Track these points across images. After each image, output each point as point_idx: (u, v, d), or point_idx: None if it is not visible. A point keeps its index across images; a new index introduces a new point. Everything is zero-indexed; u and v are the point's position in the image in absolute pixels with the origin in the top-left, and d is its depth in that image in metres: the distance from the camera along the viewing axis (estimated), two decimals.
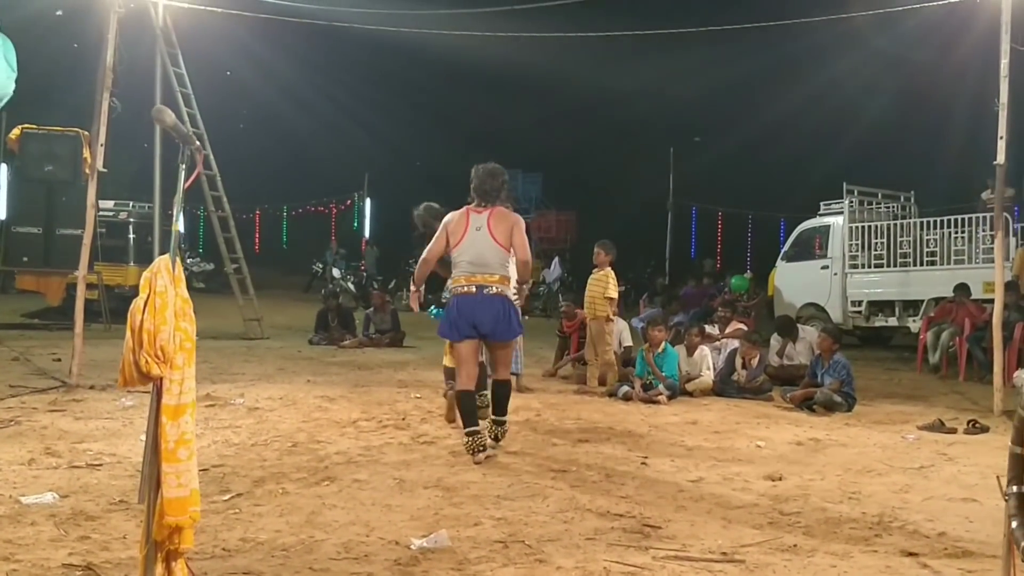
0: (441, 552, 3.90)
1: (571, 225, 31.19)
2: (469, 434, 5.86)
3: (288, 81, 28.93)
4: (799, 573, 3.80)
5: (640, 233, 29.39)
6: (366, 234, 32.30)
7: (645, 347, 9.34)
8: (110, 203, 16.73)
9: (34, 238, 14.92)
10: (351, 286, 24.21)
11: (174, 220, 2.70)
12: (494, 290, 5.99)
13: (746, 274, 18.67)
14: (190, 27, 13.15)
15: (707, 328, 11.02)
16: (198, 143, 2.70)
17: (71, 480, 4.99)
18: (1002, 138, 8.44)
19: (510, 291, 6.10)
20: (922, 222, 14.67)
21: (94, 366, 9.55)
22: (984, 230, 13.41)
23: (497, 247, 6.02)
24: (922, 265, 14.38)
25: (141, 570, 2.80)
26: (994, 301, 9.00)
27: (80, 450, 5.78)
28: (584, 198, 32.35)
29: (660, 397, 8.77)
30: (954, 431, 7.41)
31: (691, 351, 9.72)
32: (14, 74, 6.61)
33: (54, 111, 17.17)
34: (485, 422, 6.22)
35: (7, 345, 11.49)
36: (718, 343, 10.62)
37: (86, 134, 13.11)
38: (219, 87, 20.23)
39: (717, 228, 32.32)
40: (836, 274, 15.40)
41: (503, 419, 6.25)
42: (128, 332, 2.59)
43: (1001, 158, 8.48)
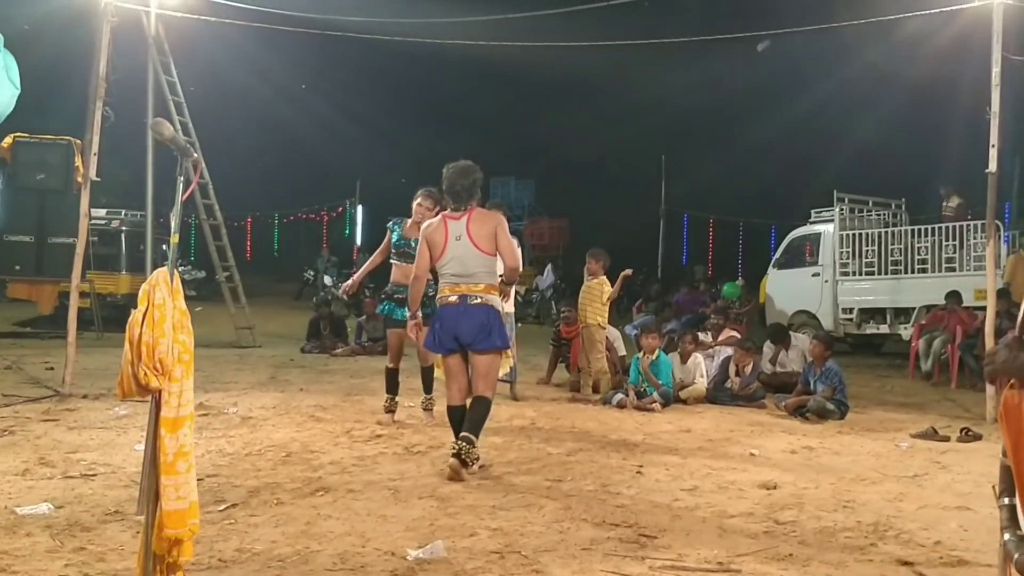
0: (437, 563, 3.89)
1: (564, 232, 31.21)
2: (461, 439, 5.65)
3: (279, 88, 28.95)
4: None
5: (632, 240, 29.43)
6: (358, 241, 32.25)
7: (640, 354, 9.35)
8: (102, 211, 16.69)
9: (26, 246, 14.91)
10: (343, 295, 24.11)
11: (172, 233, 2.70)
12: (479, 300, 5.75)
13: (738, 281, 18.72)
14: (182, 36, 13.17)
15: (700, 335, 11.03)
16: (196, 155, 2.70)
17: (66, 490, 4.97)
18: (994, 146, 8.49)
19: (497, 300, 5.87)
20: (913, 230, 14.74)
21: (87, 375, 9.52)
22: (975, 238, 13.49)
23: (480, 255, 5.77)
24: (913, 273, 14.45)
25: None
26: (985, 308, 9.04)
27: (74, 460, 5.76)
28: (576, 205, 32.41)
29: (654, 405, 8.78)
30: (947, 439, 7.43)
31: (685, 358, 9.73)
32: (17, 91, 6.60)
33: (46, 120, 17.14)
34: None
35: None
36: (711, 350, 10.63)
37: (78, 143, 13.13)
38: (211, 94, 20.19)
39: (709, 235, 32.40)
40: (827, 281, 15.45)
41: (472, 437, 5.60)
42: (127, 345, 2.59)
43: (993, 166, 8.54)
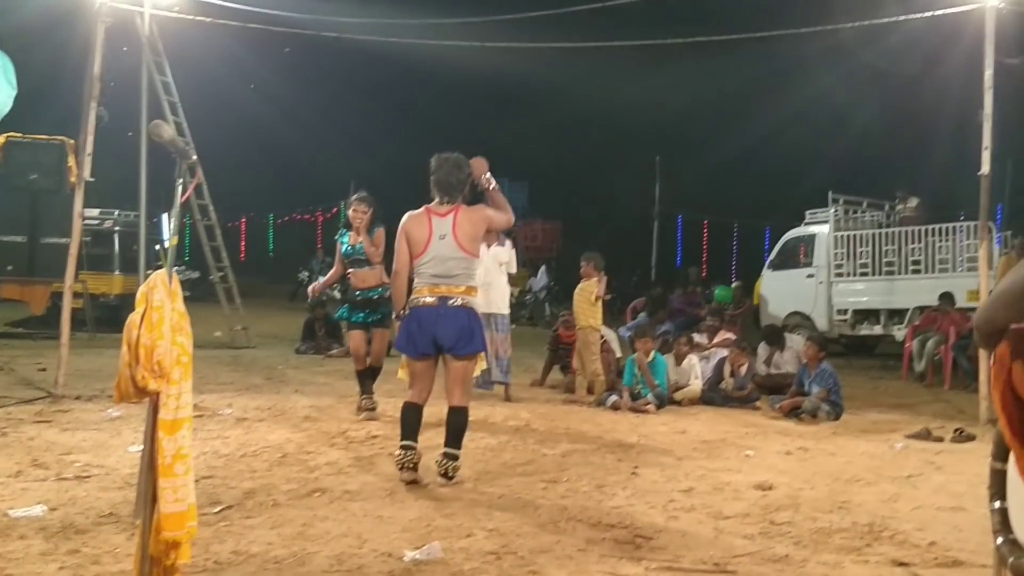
0: (434, 564, 3.89)
1: (557, 234, 31.26)
2: (403, 447, 5.40)
3: (274, 89, 28.92)
4: None
5: (626, 242, 29.49)
6: None
7: (635, 355, 9.34)
8: (95, 212, 16.63)
9: (18, 247, 14.84)
10: (337, 294, 24.10)
11: (171, 234, 2.69)
12: (459, 302, 5.48)
13: (733, 283, 18.77)
14: (176, 36, 13.13)
15: (695, 337, 11.04)
16: (195, 157, 2.69)
17: (59, 493, 4.95)
18: (987, 148, 8.52)
19: (476, 302, 5.66)
20: (907, 231, 14.78)
21: (79, 376, 9.49)
22: (968, 239, 13.54)
23: (464, 256, 5.51)
24: (907, 274, 14.49)
25: None
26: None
27: (68, 462, 5.74)
28: (570, 207, 32.44)
29: (648, 407, 8.78)
30: (941, 440, 7.47)
31: (679, 360, 9.74)
32: (14, 91, 6.58)
33: (39, 119, 17.07)
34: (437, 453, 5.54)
35: None
36: (707, 352, 10.64)
37: (71, 143, 13.09)
38: (205, 95, 20.15)
39: (703, 237, 32.47)
40: (821, 283, 15.49)
41: (455, 452, 5.43)
42: (124, 347, 2.58)
43: (986, 168, 8.57)
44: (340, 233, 8.11)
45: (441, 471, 5.37)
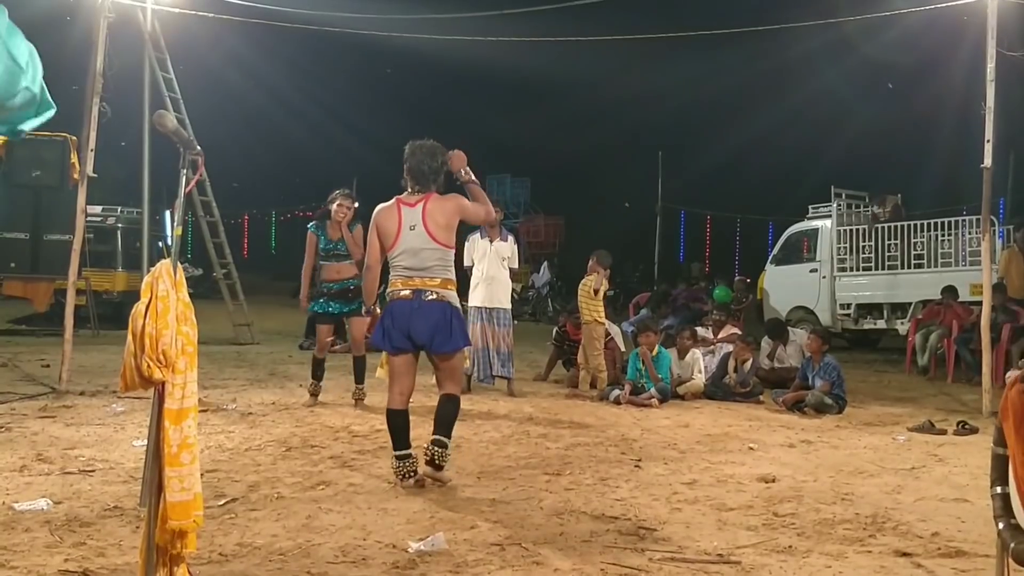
0: (438, 555, 3.90)
1: (559, 230, 31.20)
2: (398, 457, 5.21)
3: (277, 85, 28.94)
4: (795, 574, 3.82)
5: (628, 237, 29.48)
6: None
7: (639, 349, 9.34)
8: (98, 208, 16.65)
9: (21, 244, 14.85)
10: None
11: (175, 224, 2.70)
12: (434, 295, 5.23)
13: (736, 278, 18.78)
14: (178, 32, 13.14)
15: (700, 331, 11.03)
16: (199, 148, 2.70)
17: (64, 486, 4.97)
18: (989, 141, 8.52)
19: (454, 296, 5.37)
20: (909, 225, 14.77)
21: (83, 372, 9.51)
22: (971, 232, 13.54)
23: (437, 247, 5.24)
24: (909, 268, 14.48)
25: (141, 574, 2.80)
26: (981, 303, 9.07)
27: (72, 456, 5.76)
28: (573, 203, 32.42)
29: (652, 401, 8.78)
30: (944, 432, 7.46)
31: (682, 354, 9.73)
32: (23, 72, 5.94)
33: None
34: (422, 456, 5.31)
35: None
36: (712, 347, 10.62)
37: (73, 139, 13.08)
38: (208, 91, 20.18)
39: (706, 232, 32.45)
40: (824, 277, 15.49)
41: (444, 440, 5.23)
42: (129, 337, 2.59)
43: (988, 161, 8.56)
44: (314, 226, 8.17)
45: (429, 457, 5.19)
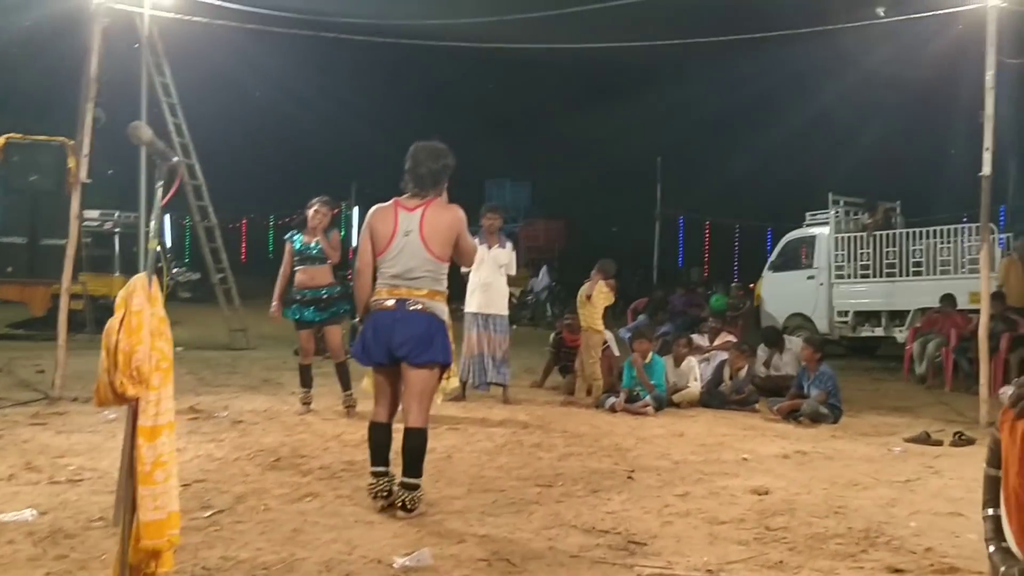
0: (423, 571, 3.86)
1: (560, 234, 31.16)
2: (374, 475, 4.89)
3: (275, 89, 28.90)
4: None
5: (628, 242, 29.46)
6: (353, 243, 32.19)
7: (632, 356, 9.29)
8: (95, 213, 16.64)
9: (18, 248, 14.85)
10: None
11: (151, 237, 2.66)
12: (419, 306, 4.85)
13: (733, 284, 18.74)
14: (176, 37, 13.12)
15: (695, 338, 10.99)
16: (176, 158, 2.66)
17: (51, 496, 4.93)
18: (988, 149, 8.47)
19: (442, 308, 4.97)
20: (908, 232, 14.72)
21: (78, 377, 9.44)
22: (970, 240, 13.48)
23: (430, 258, 4.88)
24: (908, 275, 14.43)
25: None
26: (980, 311, 9.02)
27: (61, 465, 5.72)
28: (573, 207, 32.38)
29: (647, 409, 8.74)
30: (940, 443, 7.41)
31: (678, 362, 9.69)
32: None
33: (39, 121, 17.08)
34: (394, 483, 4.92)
35: None
36: (708, 354, 10.58)
37: (71, 143, 13.06)
38: (205, 96, 20.13)
39: (704, 238, 32.43)
40: (822, 284, 15.44)
41: (414, 482, 4.79)
42: (103, 352, 2.55)
43: (987, 169, 8.51)
44: (290, 235, 8.46)
45: (399, 504, 4.77)
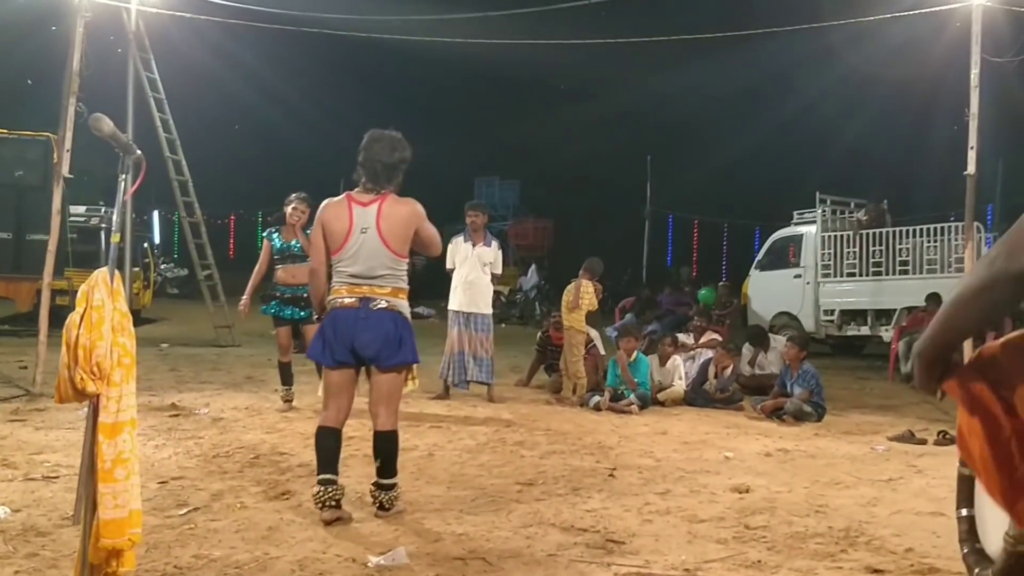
0: (398, 570, 3.81)
1: (548, 232, 31.18)
2: (321, 483, 4.54)
3: (263, 85, 28.83)
4: None
5: (617, 241, 29.46)
6: None
7: (617, 354, 9.27)
8: (81, 208, 16.53)
9: (4, 243, 14.75)
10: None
11: (113, 232, 2.61)
12: (383, 304, 4.62)
13: (720, 283, 18.74)
14: (163, 32, 13.03)
15: (680, 337, 10.98)
16: (139, 152, 2.61)
17: (25, 493, 4.87)
18: (972, 148, 8.47)
19: (405, 305, 4.77)
20: (895, 231, 14.74)
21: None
22: (957, 239, 13.50)
23: (390, 255, 4.64)
24: (894, 274, 14.45)
25: None
26: None
27: (37, 462, 5.66)
28: (562, 206, 32.37)
29: (631, 407, 8.72)
30: (924, 442, 7.40)
31: (663, 360, 9.67)
32: None
33: (25, 115, 16.97)
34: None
35: None
36: (692, 352, 10.58)
37: (56, 138, 12.99)
38: (193, 92, 20.06)
39: (693, 237, 32.47)
40: (809, 283, 15.46)
41: (390, 482, 4.67)
42: (63, 348, 2.50)
43: (971, 168, 8.52)
44: (268, 232, 8.47)
45: (376, 503, 4.67)
